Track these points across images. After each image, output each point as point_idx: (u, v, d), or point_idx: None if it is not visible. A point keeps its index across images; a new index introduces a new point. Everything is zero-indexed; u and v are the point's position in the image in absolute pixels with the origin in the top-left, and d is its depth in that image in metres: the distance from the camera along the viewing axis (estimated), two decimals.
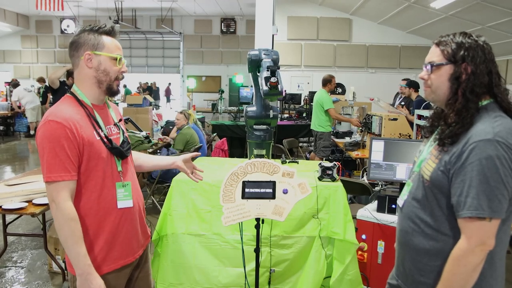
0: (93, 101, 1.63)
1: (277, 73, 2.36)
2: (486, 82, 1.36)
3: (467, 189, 1.29)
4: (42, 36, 18.69)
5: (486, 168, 1.26)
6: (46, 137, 1.47)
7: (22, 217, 4.15)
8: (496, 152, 1.26)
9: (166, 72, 20.26)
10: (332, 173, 2.63)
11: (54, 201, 1.48)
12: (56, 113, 1.51)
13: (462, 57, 1.37)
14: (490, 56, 1.38)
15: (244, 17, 17.61)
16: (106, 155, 1.59)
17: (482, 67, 1.36)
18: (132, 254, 1.70)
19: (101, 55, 1.59)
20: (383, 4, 11.08)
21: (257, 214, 2.06)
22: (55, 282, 3.35)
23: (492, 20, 9.69)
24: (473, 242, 1.29)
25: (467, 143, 1.31)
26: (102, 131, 1.60)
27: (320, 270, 2.53)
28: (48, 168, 1.47)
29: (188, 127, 5.48)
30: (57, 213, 1.48)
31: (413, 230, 1.48)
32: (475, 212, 1.27)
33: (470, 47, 1.37)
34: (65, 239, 1.49)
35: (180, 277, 2.64)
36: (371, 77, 13.04)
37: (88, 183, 1.56)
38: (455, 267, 1.32)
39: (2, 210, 2.80)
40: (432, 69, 1.43)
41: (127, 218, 1.66)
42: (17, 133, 11.80)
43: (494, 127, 1.29)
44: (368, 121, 5.56)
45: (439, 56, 1.41)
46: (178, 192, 2.66)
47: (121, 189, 1.64)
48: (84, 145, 1.52)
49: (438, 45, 1.43)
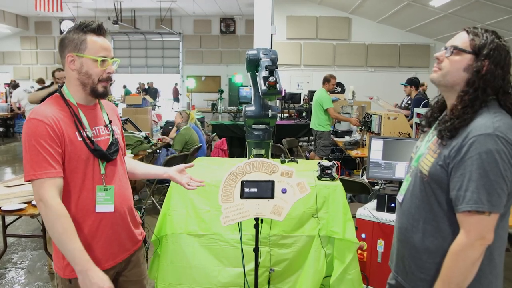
0: (80, 101, 1.60)
1: (276, 72, 2.35)
2: (498, 86, 1.36)
3: (466, 183, 1.28)
4: (42, 37, 18.69)
5: (486, 162, 1.26)
6: (28, 134, 1.44)
7: (21, 218, 4.14)
8: (496, 146, 1.26)
9: (166, 73, 20.24)
10: (331, 172, 2.62)
11: (41, 199, 1.43)
12: (38, 111, 1.48)
13: (488, 53, 1.35)
14: (509, 64, 1.38)
15: (243, 16, 17.61)
16: (86, 157, 1.54)
17: (501, 71, 1.35)
18: (113, 259, 1.64)
19: (83, 56, 1.54)
20: (382, 3, 11.08)
21: (256, 213, 2.06)
22: (55, 283, 3.35)
23: (492, 18, 9.69)
24: (472, 236, 1.28)
25: (467, 137, 1.30)
26: (85, 132, 1.55)
27: (319, 270, 2.52)
28: (32, 166, 1.43)
29: (187, 127, 5.48)
30: (47, 212, 1.43)
31: (413, 227, 1.47)
32: (474, 206, 1.26)
33: (498, 48, 1.36)
34: (59, 236, 1.44)
35: (180, 277, 2.64)
36: (370, 76, 13.04)
37: (67, 184, 1.51)
38: (454, 262, 1.32)
39: (1, 211, 2.80)
40: (453, 52, 1.39)
41: (108, 223, 1.59)
42: (17, 134, 11.80)
43: (494, 122, 1.29)
44: (368, 120, 5.56)
45: (466, 43, 1.38)
46: (177, 192, 2.66)
47: (102, 193, 1.57)
48: (66, 144, 1.49)
49: (468, 32, 1.40)
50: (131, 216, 1.73)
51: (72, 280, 1.54)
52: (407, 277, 1.53)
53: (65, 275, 1.56)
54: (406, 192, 1.53)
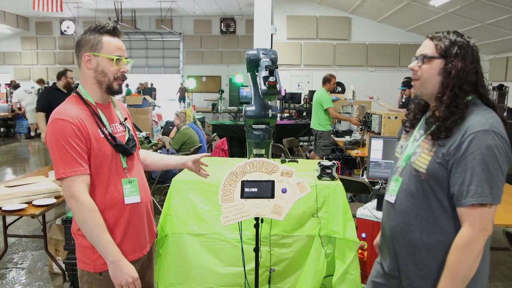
0: (97, 100, 1.67)
1: (276, 72, 2.35)
2: (473, 80, 1.42)
3: (469, 178, 1.32)
4: (42, 37, 18.70)
5: (487, 156, 1.31)
6: (55, 135, 1.51)
7: (22, 219, 4.15)
8: (494, 141, 1.32)
9: (166, 73, 20.24)
10: (331, 172, 2.63)
11: (72, 196, 1.51)
12: (62, 111, 1.55)
13: (455, 54, 1.42)
14: (478, 57, 1.45)
15: (243, 16, 17.61)
16: (110, 152, 1.62)
17: (471, 66, 1.42)
18: (141, 250, 1.73)
19: (99, 56, 1.61)
20: (382, 2, 11.08)
21: (256, 213, 2.06)
22: (56, 283, 3.36)
23: (492, 17, 9.69)
24: (477, 228, 1.33)
25: (465, 134, 1.35)
26: (106, 129, 1.63)
27: (320, 269, 2.53)
28: (61, 165, 1.50)
29: (187, 127, 5.48)
30: (79, 207, 1.51)
31: (410, 225, 1.49)
32: (480, 199, 1.31)
33: (462, 45, 1.43)
34: (92, 230, 1.52)
35: (180, 277, 2.64)
36: (370, 76, 13.04)
37: (95, 180, 1.59)
38: (460, 255, 1.35)
39: (2, 212, 2.80)
40: (424, 61, 1.47)
41: (135, 214, 1.68)
42: (17, 135, 11.81)
43: (488, 118, 1.36)
44: (368, 120, 5.55)
45: (432, 49, 1.46)
46: (177, 192, 2.66)
47: (127, 185, 1.67)
48: (91, 141, 1.56)
49: (432, 39, 1.48)
50: (151, 208, 1.83)
51: (103, 273, 1.60)
52: (403, 274, 1.54)
53: (96, 269, 1.61)
54: (399, 192, 1.55)
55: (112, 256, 1.54)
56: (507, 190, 3.28)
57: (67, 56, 18.49)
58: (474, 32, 10.69)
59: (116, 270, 1.54)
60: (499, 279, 3.55)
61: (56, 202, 2.97)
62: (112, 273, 1.55)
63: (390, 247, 1.59)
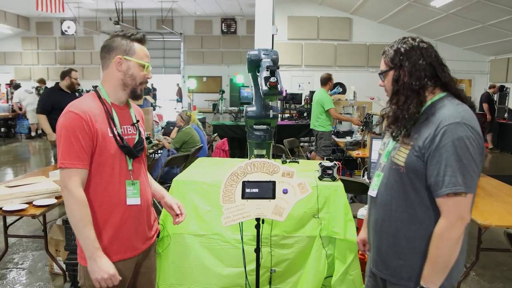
0: (114, 101, 1.73)
1: (277, 73, 2.35)
2: (423, 76, 1.50)
3: (444, 169, 1.39)
4: (43, 37, 18.69)
5: (459, 148, 1.38)
6: (64, 126, 1.58)
7: (23, 219, 4.15)
8: (465, 133, 1.38)
9: (167, 73, 20.25)
10: (332, 173, 2.62)
11: (66, 187, 1.57)
12: (76, 105, 1.62)
13: (399, 61, 1.54)
14: (429, 53, 1.53)
15: (244, 17, 17.60)
16: (114, 152, 1.66)
17: (420, 64, 1.50)
18: (131, 251, 1.74)
19: (131, 60, 1.70)
20: (383, 3, 11.07)
21: (257, 214, 2.06)
22: (56, 283, 3.36)
23: (493, 18, 9.68)
24: (452, 217, 1.40)
25: (438, 127, 1.42)
26: (116, 129, 1.68)
27: (320, 270, 2.52)
28: (62, 155, 1.57)
29: (189, 127, 5.49)
30: (69, 198, 1.57)
31: (390, 217, 1.55)
32: (454, 188, 1.37)
33: (406, 50, 1.54)
34: (76, 223, 1.57)
35: (181, 277, 2.64)
36: (371, 76, 13.01)
37: (96, 176, 1.64)
38: (439, 243, 1.42)
39: (2, 212, 2.80)
40: (383, 77, 1.63)
41: (130, 215, 1.72)
42: (18, 135, 11.81)
43: (460, 112, 1.43)
44: (369, 121, 5.55)
45: (383, 64, 1.63)
46: (178, 192, 2.66)
47: (130, 187, 1.72)
48: (98, 138, 1.61)
49: (382, 54, 1.63)
50: (150, 211, 1.88)
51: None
52: (383, 266, 1.60)
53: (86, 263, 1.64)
54: (380, 186, 1.61)
55: (90, 252, 1.58)
56: (507, 191, 3.28)
57: (68, 56, 18.50)
58: (475, 33, 10.69)
59: (93, 266, 1.59)
60: (500, 280, 3.54)
61: (56, 202, 2.97)
62: (89, 268, 1.60)
63: (373, 240, 1.65)
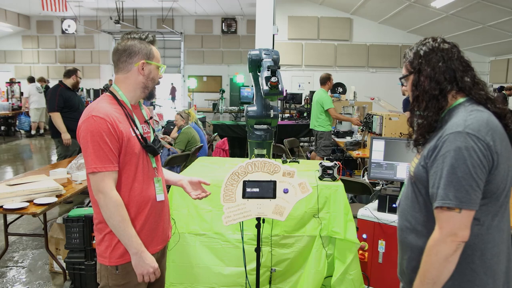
0: (130, 101, 1.76)
1: (278, 72, 2.36)
2: (442, 80, 1.43)
3: (438, 180, 1.32)
4: (43, 36, 18.69)
5: (454, 159, 1.29)
6: (90, 131, 1.59)
7: (23, 217, 4.15)
8: (465, 144, 1.28)
9: (167, 72, 20.21)
10: (333, 173, 2.63)
11: (101, 191, 1.59)
12: (98, 109, 1.62)
13: (418, 64, 1.47)
14: (450, 54, 1.45)
15: (245, 17, 17.60)
16: (138, 152, 1.70)
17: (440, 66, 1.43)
18: (155, 246, 1.78)
19: (152, 64, 1.74)
20: (383, 3, 11.08)
21: (258, 213, 2.06)
22: (56, 282, 3.36)
23: (493, 19, 9.69)
24: (444, 232, 1.30)
25: (441, 137, 1.35)
26: (138, 129, 1.72)
27: (320, 270, 2.53)
28: (93, 160, 1.59)
29: (188, 127, 5.49)
30: (107, 201, 1.59)
31: (407, 228, 1.50)
32: (441, 202, 1.30)
33: (425, 53, 1.47)
34: (118, 224, 1.60)
35: (181, 276, 2.64)
36: (371, 77, 13.04)
37: (122, 176, 1.66)
38: (428, 257, 1.34)
39: (3, 210, 2.80)
40: (403, 83, 1.56)
41: (153, 211, 1.75)
42: (18, 133, 11.81)
43: (466, 120, 1.33)
44: (369, 121, 5.56)
45: (404, 69, 1.55)
46: (179, 192, 2.66)
47: (157, 184, 1.77)
48: (123, 140, 1.64)
49: (404, 58, 1.57)
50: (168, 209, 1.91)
51: (119, 266, 1.68)
52: (404, 277, 1.55)
53: (111, 262, 1.68)
54: (401, 196, 1.59)
55: (135, 248, 1.62)
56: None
57: (68, 55, 18.50)
58: (475, 34, 10.70)
59: (139, 261, 1.63)
60: None
61: (57, 201, 2.97)
62: (135, 264, 1.64)
63: (399, 249, 1.61)
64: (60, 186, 3.08)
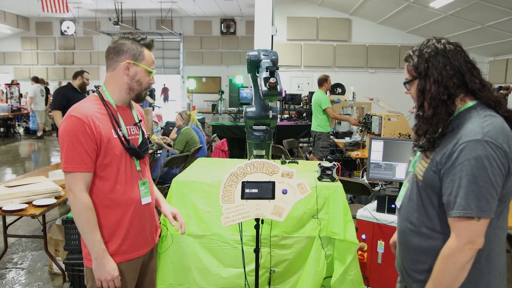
0: (117, 102, 1.74)
1: (276, 73, 2.35)
2: (451, 85, 1.38)
3: (456, 189, 1.30)
4: (42, 37, 18.68)
5: (475, 168, 1.27)
6: (66, 130, 1.59)
7: (22, 219, 4.15)
8: (485, 152, 1.27)
9: (166, 73, 20.25)
10: (332, 173, 2.63)
11: (71, 190, 1.59)
12: (78, 109, 1.62)
13: (424, 69, 1.42)
14: (456, 56, 1.40)
15: (244, 17, 17.61)
16: (120, 153, 1.68)
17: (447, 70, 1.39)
18: (138, 250, 1.77)
19: (139, 66, 1.71)
20: (382, 4, 11.09)
21: (257, 214, 2.06)
22: (56, 283, 3.36)
23: (492, 19, 9.70)
24: (463, 241, 1.30)
25: (457, 143, 1.32)
26: (121, 131, 1.69)
27: (320, 270, 2.53)
28: (66, 160, 1.59)
29: (188, 128, 5.49)
30: (74, 202, 1.59)
31: (411, 231, 1.50)
32: (463, 212, 1.29)
33: (430, 56, 1.41)
34: (82, 226, 1.60)
35: (180, 278, 2.64)
36: (371, 77, 13.05)
37: (102, 178, 1.65)
38: (444, 265, 1.34)
39: (2, 212, 2.80)
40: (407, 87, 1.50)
41: (137, 214, 1.74)
42: (17, 135, 11.80)
43: (484, 127, 1.30)
44: (368, 121, 5.56)
45: (407, 73, 1.49)
46: (178, 192, 2.66)
47: (142, 187, 1.76)
48: (102, 141, 1.62)
49: (405, 61, 1.50)
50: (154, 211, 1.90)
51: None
52: (407, 279, 1.55)
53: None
54: (404, 197, 1.57)
55: (96, 253, 1.61)
56: None
57: (67, 56, 18.49)
58: (474, 34, 10.71)
59: (99, 267, 1.62)
60: None
61: (56, 202, 2.97)
62: (94, 268, 1.63)
63: (399, 251, 1.61)
64: (59, 188, 3.08)
